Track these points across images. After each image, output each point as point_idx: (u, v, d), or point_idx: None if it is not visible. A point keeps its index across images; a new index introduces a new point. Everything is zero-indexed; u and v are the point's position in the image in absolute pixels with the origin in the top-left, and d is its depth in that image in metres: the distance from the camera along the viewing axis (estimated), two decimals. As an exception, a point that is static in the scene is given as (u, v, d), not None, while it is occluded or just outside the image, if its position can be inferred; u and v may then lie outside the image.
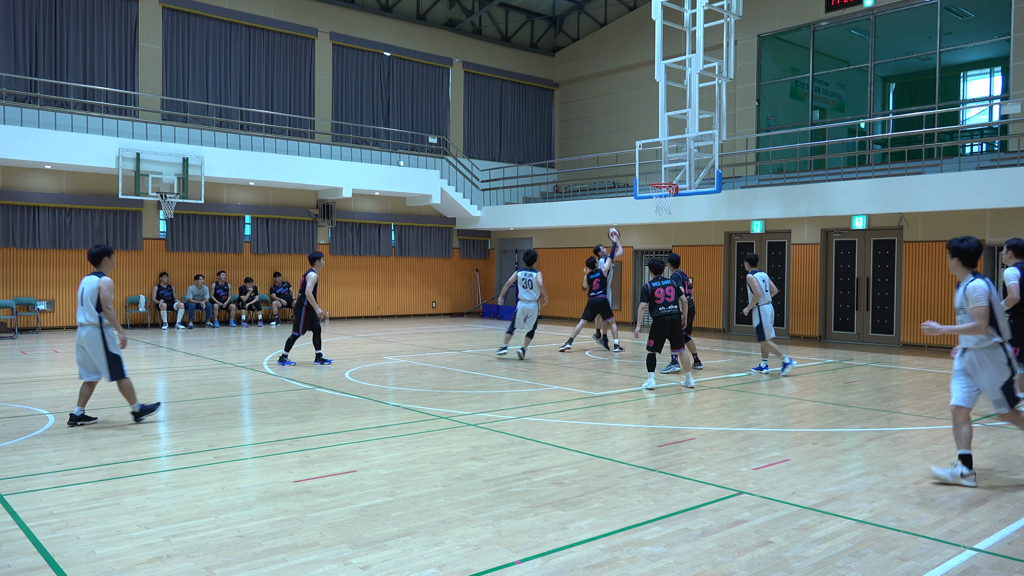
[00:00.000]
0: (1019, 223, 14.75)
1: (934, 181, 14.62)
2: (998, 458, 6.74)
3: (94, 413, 8.10)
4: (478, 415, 8.51)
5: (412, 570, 4.17)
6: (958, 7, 18.05)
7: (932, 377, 11.84)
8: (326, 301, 21.89)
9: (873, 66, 19.21)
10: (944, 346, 15.68)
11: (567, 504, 5.33)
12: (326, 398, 9.50)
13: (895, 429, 7.97)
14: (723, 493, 5.63)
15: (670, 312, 10.37)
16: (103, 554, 4.35)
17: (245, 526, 4.83)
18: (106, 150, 17.06)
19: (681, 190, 15.78)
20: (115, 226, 18.48)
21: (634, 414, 8.75)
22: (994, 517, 5.13)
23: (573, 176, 25.81)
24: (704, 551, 4.48)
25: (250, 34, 20.71)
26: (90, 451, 6.70)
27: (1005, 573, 4.19)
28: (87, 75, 18.23)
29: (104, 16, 18.43)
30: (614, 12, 25.24)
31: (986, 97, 20.38)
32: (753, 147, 20.63)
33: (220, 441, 7.14)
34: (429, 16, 24.17)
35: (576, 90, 26.75)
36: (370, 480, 5.88)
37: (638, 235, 21.25)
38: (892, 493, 5.66)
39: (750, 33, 20.96)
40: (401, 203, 23.48)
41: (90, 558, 4.29)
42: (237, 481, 5.84)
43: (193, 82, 19.78)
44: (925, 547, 4.57)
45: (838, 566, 4.27)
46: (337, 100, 22.33)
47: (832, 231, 17.52)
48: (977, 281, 6.00)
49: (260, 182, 19.80)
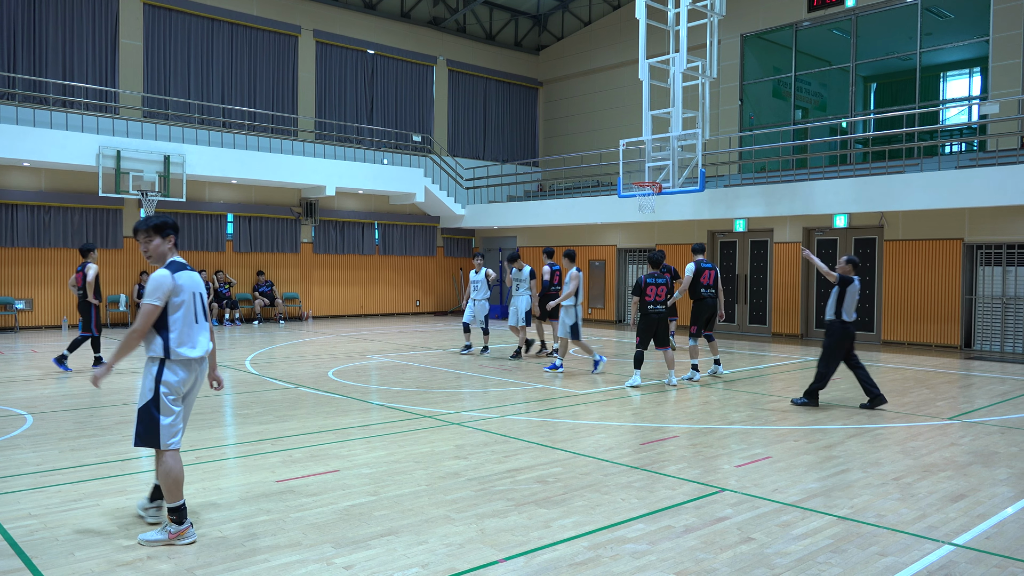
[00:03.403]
0: (997, 222, 14.92)
1: (914, 180, 14.77)
2: (976, 454, 6.81)
3: (68, 410, 8.01)
4: (462, 414, 8.50)
5: (395, 569, 4.16)
6: (938, 8, 18.22)
7: (911, 374, 11.96)
8: (309, 299, 21.81)
9: (855, 66, 19.36)
10: (924, 344, 15.84)
11: (551, 502, 5.34)
12: (309, 397, 9.46)
13: (875, 426, 8.04)
14: (706, 490, 5.66)
15: (659, 311, 10.35)
16: (82, 556, 4.30)
17: (227, 527, 4.79)
18: (86, 147, 16.88)
19: (664, 189, 15.83)
20: (95, 224, 18.30)
21: (618, 412, 8.77)
22: (972, 512, 5.18)
23: (557, 175, 25.83)
24: (687, 548, 4.50)
25: (232, 31, 20.56)
26: (70, 452, 6.64)
27: (982, 567, 4.24)
28: (66, 71, 18.04)
29: (84, 12, 18.23)
30: (598, 11, 25.28)
31: (965, 97, 20.59)
32: (736, 146, 20.74)
33: (201, 441, 7.09)
34: (413, 14, 24.11)
35: (560, 89, 26.78)
36: (353, 479, 5.86)
37: (622, 234, 21.31)
38: (872, 489, 5.71)
39: (733, 33, 21.07)
40: (385, 201, 23.41)
41: (69, 560, 4.24)
42: (219, 481, 5.80)
43: (175, 79, 19.62)
44: (905, 542, 4.61)
45: (819, 562, 4.31)
46: (320, 98, 22.23)
47: (814, 230, 17.65)
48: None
49: (243, 180, 19.68)
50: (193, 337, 4.64)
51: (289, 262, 21.55)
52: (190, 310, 4.64)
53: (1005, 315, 15.05)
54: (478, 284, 13.94)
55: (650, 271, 10.44)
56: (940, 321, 15.64)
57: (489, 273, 13.96)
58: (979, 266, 15.42)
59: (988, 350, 15.19)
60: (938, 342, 15.65)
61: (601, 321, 21.60)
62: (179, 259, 4.76)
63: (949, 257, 15.53)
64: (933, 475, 6.11)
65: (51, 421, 7.86)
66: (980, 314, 15.40)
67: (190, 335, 4.62)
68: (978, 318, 15.42)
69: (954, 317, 15.46)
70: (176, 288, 4.58)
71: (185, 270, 4.69)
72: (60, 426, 7.62)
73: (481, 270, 13.98)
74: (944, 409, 9.01)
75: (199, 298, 4.73)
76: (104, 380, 4.87)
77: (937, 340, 15.68)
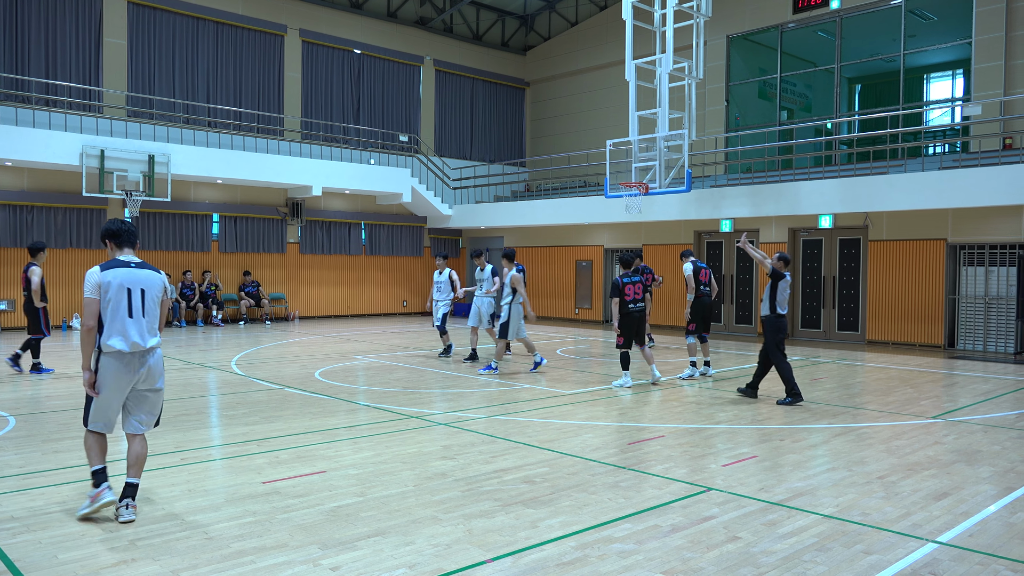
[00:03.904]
0: (980, 222, 15.07)
1: (898, 181, 14.89)
2: (960, 452, 6.88)
3: (52, 411, 7.94)
4: (449, 414, 8.49)
5: (383, 570, 4.15)
6: (922, 10, 18.38)
7: (896, 374, 12.05)
8: (296, 300, 21.72)
9: (839, 67, 19.50)
10: (908, 343, 15.97)
11: (538, 502, 5.34)
12: (295, 398, 9.42)
13: (860, 425, 8.10)
14: (692, 490, 5.68)
15: (639, 309, 10.48)
16: (66, 559, 4.27)
17: (213, 528, 4.77)
18: (69, 147, 16.73)
19: (651, 189, 15.87)
20: (79, 224, 18.15)
21: (605, 412, 8.79)
22: (955, 510, 5.23)
23: (544, 175, 25.85)
24: (673, 547, 4.51)
25: (218, 30, 20.45)
26: (53, 454, 6.58)
27: (966, 565, 4.28)
28: (50, 70, 17.88)
29: (67, 10, 18.08)
30: (585, 12, 25.32)
31: (949, 99, 20.78)
32: (722, 147, 20.83)
33: (187, 442, 7.05)
34: (400, 14, 24.06)
35: (547, 89, 26.80)
36: (340, 480, 5.85)
37: (608, 234, 21.36)
38: (857, 488, 5.75)
39: (719, 34, 21.16)
40: (372, 201, 23.34)
41: (52, 563, 4.21)
42: (205, 483, 5.76)
43: (159, 78, 19.48)
44: (889, 540, 4.65)
45: (804, 560, 4.33)
46: (307, 97, 22.14)
47: (799, 230, 17.75)
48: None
49: (228, 180, 19.57)
50: (123, 331, 4.87)
51: (275, 262, 21.46)
52: (119, 305, 4.87)
53: (988, 315, 15.19)
54: (441, 285, 13.57)
55: (624, 271, 10.61)
56: (924, 321, 15.78)
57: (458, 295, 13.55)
58: (962, 266, 15.56)
59: (971, 349, 15.33)
60: (922, 341, 15.79)
61: (589, 321, 21.63)
62: (122, 258, 5.04)
63: (933, 257, 15.66)
64: (917, 474, 6.16)
65: (34, 423, 7.79)
66: (963, 314, 15.54)
67: (119, 329, 4.86)
68: (961, 318, 15.56)
69: (938, 317, 15.60)
70: (101, 283, 4.86)
71: (120, 267, 4.95)
72: (43, 428, 7.56)
73: (444, 271, 13.59)
74: (928, 408, 9.09)
75: (135, 294, 4.94)
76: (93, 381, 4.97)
77: (921, 340, 15.81)
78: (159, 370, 5.09)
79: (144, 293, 4.98)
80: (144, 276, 5.03)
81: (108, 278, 4.88)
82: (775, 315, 9.39)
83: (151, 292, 5.03)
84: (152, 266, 5.18)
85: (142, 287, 4.98)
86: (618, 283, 10.45)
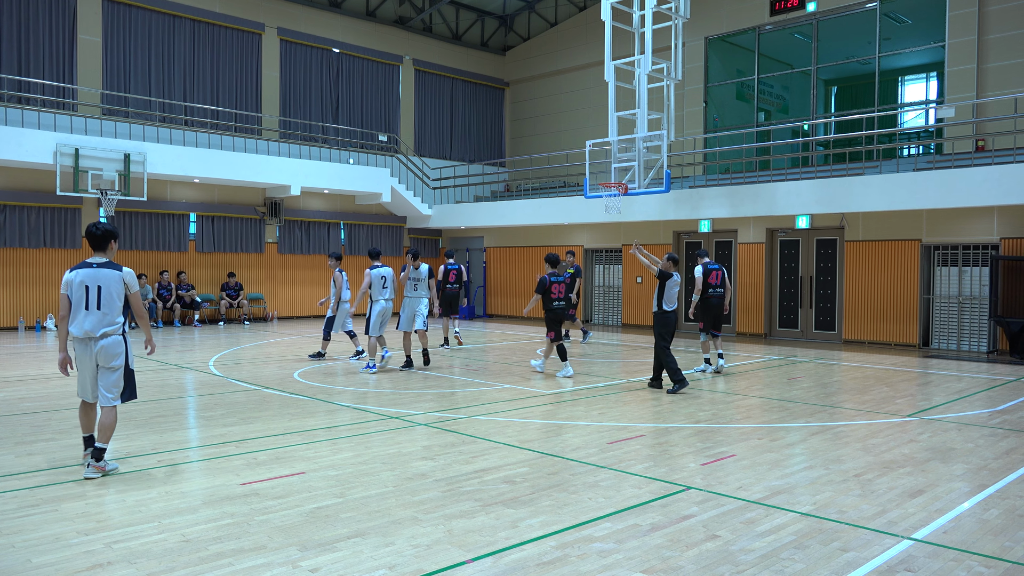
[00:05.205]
0: (953, 223, 15.28)
1: (873, 182, 15.06)
2: (934, 450, 6.97)
3: (25, 413, 7.82)
4: (429, 414, 8.47)
5: (362, 571, 4.13)
6: (896, 14, 18.60)
7: (872, 373, 12.19)
8: (274, 300, 21.56)
9: (816, 69, 19.69)
10: (884, 342, 16.16)
11: (518, 502, 5.35)
12: (274, 399, 9.35)
13: (837, 423, 8.18)
14: (672, 489, 5.71)
15: (561, 306, 11.44)
16: (40, 563, 4.21)
17: (190, 530, 4.72)
18: (43, 145, 16.48)
19: (630, 190, 15.95)
20: (52, 224, 17.88)
21: (585, 411, 8.81)
22: (930, 507, 5.30)
23: (524, 175, 25.87)
24: (653, 546, 4.53)
25: (194, 28, 20.25)
26: (26, 456, 6.48)
27: (940, 561, 4.34)
28: (22, 67, 17.60)
29: (41, 6, 17.81)
30: (564, 12, 25.37)
31: (922, 101, 21.05)
32: (701, 148, 20.96)
33: (164, 444, 6.97)
34: (379, 13, 23.97)
35: (527, 89, 26.82)
36: (319, 481, 5.81)
37: (588, 234, 21.41)
38: (834, 486, 5.81)
39: (698, 35, 21.29)
40: (351, 201, 23.23)
41: (26, 567, 4.14)
42: (182, 485, 5.71)
43: (135, 76, 19.25)
44: (865, 538, 4.70)
45: (782, 558, 4.37)
46: (285, 96, 21.99)
47: (777, 230, 17.91)
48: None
49: (205, 179, 19.39)
50: (80, 321, 5.87)
51: (253, 262, 21.28)
52: (80, 299, 5.86)
53: (961, 314, 15.41)
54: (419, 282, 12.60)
55: (551, 270, 11.48)
56: (899, 320, 15.97)
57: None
58: (936, 266, 15.78)
59: (945, 348, 15.54)
60: (897, 341, 15.98)
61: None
62: (91, 260, 5.95)
63: (907, 257, 15.86)
64: (893, 471, 6.24)
65: (6, 425, 7.67)
66: (937, 313, 15.75)
67: (78, 319, 5.87)
68: (936, 317, 15.77)
69: (912, 316, 15.80)
70: (68, 282, 5.88)
71: (84, 268, 5.86)
72: (16, 430, 7.44)
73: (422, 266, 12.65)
74: (903, 407, 9.20)
75: (92, 291, 5.85)
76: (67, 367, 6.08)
77: (896, 339, 16.00)
78: (113, 351, 5.98)
79: (100, 289, 5.87)
80: (103, 274, 5.89)
81: (72, 277, 5.86)
82: (662, 311, 10.20)
83: (108, 288, 5.89)
84: (116, 265, 6.01)
85: (99, 284, 5.87)
86: (545, 281, 11.35)
